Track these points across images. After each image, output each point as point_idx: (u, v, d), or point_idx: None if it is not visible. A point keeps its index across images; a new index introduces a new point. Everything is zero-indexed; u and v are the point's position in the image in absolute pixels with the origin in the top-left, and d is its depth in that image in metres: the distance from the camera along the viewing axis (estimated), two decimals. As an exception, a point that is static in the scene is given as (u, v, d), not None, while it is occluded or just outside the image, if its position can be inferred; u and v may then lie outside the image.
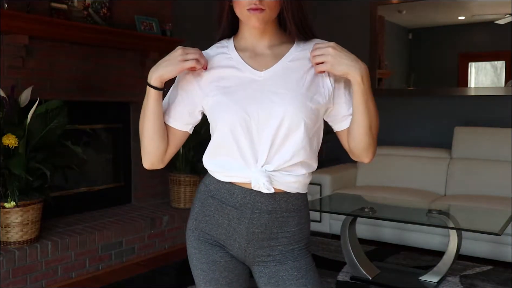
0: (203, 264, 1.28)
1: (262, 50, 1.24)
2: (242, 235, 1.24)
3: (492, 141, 4.01)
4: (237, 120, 1.17)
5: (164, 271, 3.35)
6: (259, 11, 1.15)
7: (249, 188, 1.21)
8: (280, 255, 1.25)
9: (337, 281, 3.14)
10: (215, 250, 1.27)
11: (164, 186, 4.37)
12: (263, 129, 1.17)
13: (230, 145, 1.19)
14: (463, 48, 4.57)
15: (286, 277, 1.24)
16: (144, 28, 4.04)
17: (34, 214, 3.01)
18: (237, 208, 1.22)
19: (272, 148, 1.17)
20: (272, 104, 1.17)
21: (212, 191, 1.27)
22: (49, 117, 3.05)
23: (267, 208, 1.22)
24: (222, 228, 1.25)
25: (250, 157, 1.18)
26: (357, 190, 4.14)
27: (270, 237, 1.24)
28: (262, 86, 1.19)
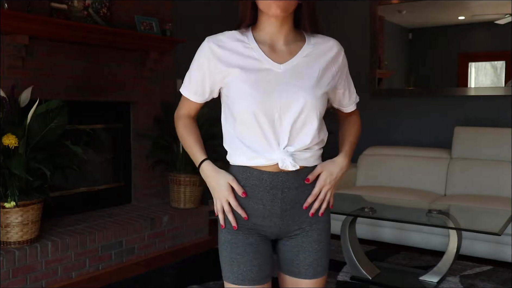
0: (238, 248, 1.37)
1: (280, 46, 1.35)
2: (277, 214, 1.36)
3: (492, 141, 4.01)
4: (261, 108, 1.29)
5: (164, 271, 3.35)
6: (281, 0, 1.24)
7: (275, 171, 1.33)
8: (308, 227, 1.40)
9: (337, 281, 3.14)
10: (251, 234, 1.38)
11: (164, 186, 4.37)
12: (285, 117, 1.30)
13: (255, 128, 1.31)
14: (463, 48, 4.57)
15: (307, 248, 1.40)
16: (144, 28, 4.04)
17: (34, 214, 3.01)
18: (268, 191, 1.34)
19: (292, 133, 1.31)
20: (292, 95, 1.30)
21: (241, 181, 1.36)
22: (49, 117, 3.05)
23: (294, 185, 1.35)
24: (258, 212, 1.36)
25: (273, 140, 1.31)
26: (357, 190, 4.14)
27: (299, 210, 1.37)
28: (282, 78, 1.31)
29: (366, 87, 4.88)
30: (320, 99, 1.34)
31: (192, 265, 3.46)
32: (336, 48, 1.42)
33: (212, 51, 1.35)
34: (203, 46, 1.37)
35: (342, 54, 1.44)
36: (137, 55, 4.10)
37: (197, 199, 4.15)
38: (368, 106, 4.89)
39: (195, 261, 3.54)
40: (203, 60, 1.37)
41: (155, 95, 4.28)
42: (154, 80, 4.25)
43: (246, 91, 1.30)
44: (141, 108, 4.20)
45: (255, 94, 1.29)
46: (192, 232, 4.08)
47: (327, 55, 1.39)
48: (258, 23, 1.36)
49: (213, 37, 1.37)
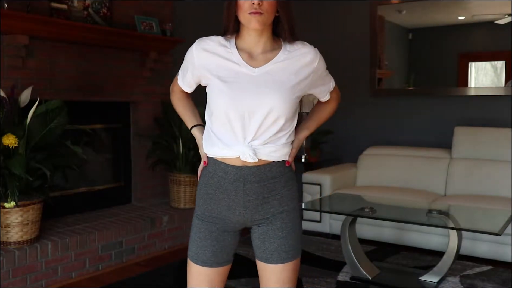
0: (200, 232, 1.56)
1: (257, 55, 1.52)
2: (240, 204, 1.52)
3: (492, 141, 4.01)
4: (233, 106, 1.45)
5: (164, 271, 3.35)
6: (258, 14, 1.43)
7: (239, 166, 1.50)
8: (272, 217, 1.55)
9: (337, 281, 3.14)
10: (214, 223, 1.56)
11: (164, 186, 4.37)
12: (254, 116, 1.46)
13: (225, 124, 1.48)
14: (463, 48, 4.57)
15: (272, 235, 1.55)
16: (144, 28, 4.04)
17: (34, 214, 3.01)
18: (232, 183, 1.51)
19: (259, 130, 1.47)
20: (262, 97, 1.45)
21: (211, 172, 1.54)
22: (49, 117, 3.05)
23: (256, 178, 1.51)
24: (223, 201, 1.53)
25: (240, 135, 1.47)
26: (357, 190, 4.14)
27: (262, 201, 1.53)
28: (256, 81, 1.47)
29: (366, 87, 4.88)
30: (288, 103, 1.47)
31: (192, 265, 3.46)
32: (310, 55, 1.54)
33: (198, 54, 1.54)
34: (192, 47, 1.57)
35: (318, 59, 1.56)
36: (137, 55, 4.10)
37: (197, 199, 4.14)
38: (368, 106, 4.89)
39: (195, 261, 3.54)
40: (189, 58, 1.58)
41: (155, 95, 4.28)
42: (154, 80, 4.25)
43: (222, 90, 1.47)
44: (141, 108, 4.20)
45: (229, 94, 1.46)
46: (192, 232, 4.08)
47: (301, 60, 1.53)
48: (240, 33, 1.53)
49: (202, 40, 1.56)
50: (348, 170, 4.47)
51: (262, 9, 1.43)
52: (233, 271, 1.70)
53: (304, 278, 3.16)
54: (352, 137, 4.95)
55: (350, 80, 4.92)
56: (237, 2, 1.46)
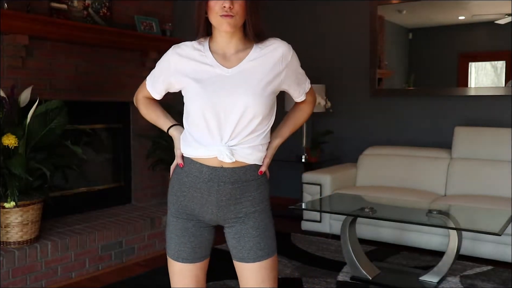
0: (177, 230, 1.60)
1: (230, 55, 1.53)
2: (213, 203, 1.54)
3: (492, 141, 4.01)
4: (208, 106, 1.47)
5: (164, 271, 3.33)
6: (229, 17, 1.44)
7: (214, 166, 1.51)
8: (244, 217, 1.57)
9: (337, 281, 3.14)
10: (188, 220, 1.59)
11: (164, 186, 4.37)
12: (229, 115, 1.47)
13: (202, 125, 1.50)
14: (463, 48, 4.57)
15: (245, 234, 1.57)
16: (144, 28, 4.04)
17: (34, 214, 3.01)
18: (206, 182, 1.53)
19: (235, 130, 1.48)
20: (236, 96, 1.47)
21: (186, 171, 1.56)
22: (49, 117, 3.05)
23: (230, 180, 1.52)
24: (196, 199, 1.55)
25: (217, 135, 1.49)
26: (357, 190, 4.14)
27: (235, 202, 1.55)
28: (229, 81, 1.49)
29: (366, 87, 4.88)
30: (262, 100, 1.49)
31: (192, 265, 3.46)
32: (281, 49, 1.54)
33: (174, 60, 1.56)
34: (167, 53, 1.60)
35: (291, 54, 1.56)
36: (137, 55, 4.10)
37: (197, 199, 4.14)
38: (368, 106, 4.89)
39: (195, 261, 3.54)
40: (165, 65, 1.60)
41: (155, 95, 4.27)
42: (154, 80, 4.25)
43: (197, 92, 1.49)
44: (141, 108, 4.19)
45: (204, 95, 1.48)
46: (192, 232, 4.08)
47: (273, 56, 1.53)
48: (213, 35, 1.55)
49: (176, 46, 1.58)
50: (348, 170, 4.47)
51: (233, 12, 1.44)
52: (233, 271, 1.69)
53: (304, 278, 3.16)
54: (352, 137, 4.95)
55: (350, 80, 4.93)
56: (207, 4, 1.47)
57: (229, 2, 1.43)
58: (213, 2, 1.46)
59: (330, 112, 4.83)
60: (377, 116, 4.85)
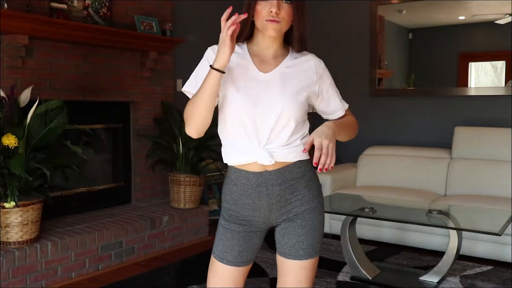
0: (227, 232, 1.60)
1: (269, 59, 1.56)
2: (264, 208, 1.57)
3: (492, 141, 4.01)
4: (245, 110, 1.48)
5: (164, 271, 3.35)
6: (275, 22, 1.46)
7: (260, 171, 1.53)
8: (293, 216, 1.58)
9: (337, 281, 3.14)
10: (241, 225, 1.60)
11: (164, 186, 4.37)
12: (266, 120, 1.49)
13: (240, 130, 1.51)
14: (463, 48, 4.57)
15: (292, 232, 1.58)
16: (144, 28, 4.04)
17: (34, 214, 3.01)
18: (255, 188, 1.55)
19: (272, 134, 1.50)
20: (272, 101, 1.49)
21: (234, 180, 1.58)
22: (49, 117, 3.04)
23: (277, 181, 1.54)
24: (248, 206, 1.58)
25: (255, 139, 1.50)
26: (357, 190, 4.14)
27: (286, 203, 1.57)
28: (266, 86, 1.51)
29: (366, 87, 4.88)
30: (297, 106, 1.51)
31: (192, 265, 3.46)
32: (313, 61, 1.59)
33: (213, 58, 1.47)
34: (207, 52, 1.56)
35: (323, 67, 1.60)
36: (137, 55, 4.10)
37: (197, 199, 4.15)
38: (368, 106, 4.89)
39: (195, 261, 3.54)
40: (206, 64, 1.52)
41: (155, 95, 4.27)
42: (154, 80, 4.25)
43: (235, 97, 1.49)
44: (141, 108, 4.20)
45: (242, 99, 1.48)
46: (192, 232, 4.08)
47: (306, 65, 1.57)
48: (253, 38, 1.56)
49: (215, 46, 1.53)
50: (348, 170, 4.47)
51: (279, 18, 1.46)
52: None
53: (304, 278, 3.15)
54: (352, 137, 4.94)
55: (350, 80, 4.92)
56: (255, 8, 1.48)
57: (276, 7, 1.45)
58: (261, 6, 1.47)
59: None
60: (377, 116, 4.85)
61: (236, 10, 1.45)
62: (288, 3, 1.47)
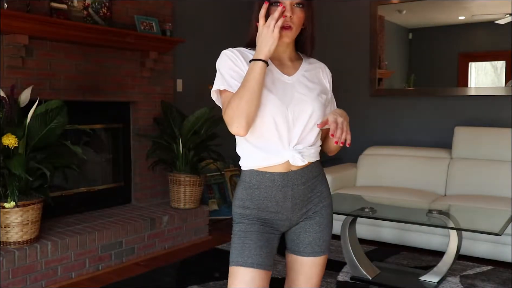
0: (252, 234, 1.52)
1: (286, 62, 1.57)
2: (288, 209, 1.55)
3: (492, 141, 4.01)
4: (278, 111, 1.47)
5: (164, 271, 3.35)
6: (289, 29, 1.47)
7: (285, 172, 1.52)
8: (312, 213, 1.59)
9: (337, 281, 3.14)
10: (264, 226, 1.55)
11: (164, 186, 4.37)
12: (297, 121, 1.49)
13: (271, 132, 1.48)
14: (463, 48, 4.57)
15: (309, 229, 1.59)
16: (144, 28, 4.04)
17: (34, 214, 3.01)
18: (280, 189, 1.53)
19: (302, 135, 1.51)
20: (302, 102, 1.51)
21: (255, 184, 1.54)
22: (49, 117, 3.04)
23: (301, 181, 1.54)
24: (271, 208, 1.55)
25: (286, 140, 1.49)
26: (357, 190, 4.14)
27: (307, 202, 1.57)
28: (292, 87, 1.53)
29: (366, 87, 4.88)
30: (323, 106, 1.55)
31: (192, 265, 3.46)
32: (326, 69, 1.66)
33: (235, 54, 1.51)
34: (224, 52, 1.53)
35: (330, 74, 1.66)
36: (137, 55, 4.10)
37: (197, 199, 4.15)
38: (368, 106, 4.89)
39: (195, 261, 3.54)
40: (228, 62, 1.50)
41: (155, 95, 4.27)
42: (154, 80, 4.25)
43: (267, 98, 1.46)
44: (141, 108, 4.19)
45: (274, 100, 1.47)
46: (192, 232, 4.08)
47: (319, 72, 1.63)
48: None
49: (235, 49, 1.53)
50: (348, 170, 4.47)
51: (292, 23, 1.46)
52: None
53: (304, 278, 3.15)
54: (352, 137, 4.93)
55: (350, 80, 4.92)
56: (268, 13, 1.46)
57: (290, 10, 1.45)
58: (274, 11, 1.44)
59: (330, 112, 4.84)
60: (377, 116, 4.85)
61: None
62: (300, 7, 1.48)
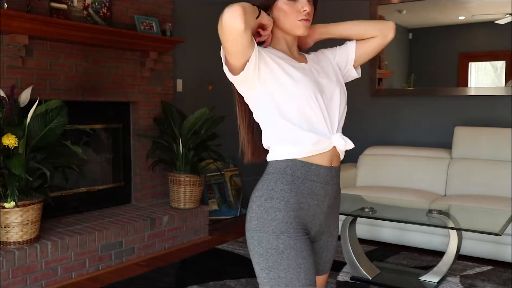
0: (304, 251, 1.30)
1: (295, 54, 1.48)
2: (323, 211, 1.39)
3: (492, 141, 4.01)
4: (315, 90, 1.35)
5: (164, 271, 3.35)
6: (308, 21, 1.41)
7: (328, 166, 1.37)
8: (333, 227, 1.47)
9: (337, 281, 3.14)
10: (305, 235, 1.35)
11: (164, 186, 4.37)
12: (331, 103, 1.39)
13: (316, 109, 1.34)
14: (463, 48, 4.57)
15: (330, 246, 1.48)
16: (144, 28, 4.04)
17: (34, 214, 3.01)
18: (323, 186, 1.36)
19: (340, 119, 1.42)
20: (331, 86, 1.42)
21: (300, 177, 1.33)
22: (49, 117, 3.04)
23: (337, 180, 1.42)
24: (312, 209, 1.37)
25: (329, 121, 1.38)
26: (357, 190, 4.14)
27: (333, 207, 1.44)
28: (314, 74, 1.42)
29: (366, 87, 4.88)
30: (345, 92, 1.47)
31: (192, 265, 3.46)
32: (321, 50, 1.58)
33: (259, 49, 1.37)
34: None
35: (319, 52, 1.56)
36: (137, 55, 4.10)
37: (197, 199, 4.15)
38: (368, 106, 4.89)
39: (195, 261, 3.54)
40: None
41: (155, 95, 4.28)
42: (154, 80, 4.25)
43: (299, 77, 1.35)
44: (141, 108, 4.20)
45: (306, 81, 1.36)
46: (192, 232, 4.08)
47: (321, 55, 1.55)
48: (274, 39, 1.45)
49: None
50: (348, 170, 4.47)
51: (308, 15, 1.42)
52: (233, 271, 1.69)
53: (304, 278, 3.15)
54: (352, 137, 4.90)
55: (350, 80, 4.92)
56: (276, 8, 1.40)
57: (309, 6, 1.40)
58: (289, 6, 1.39)
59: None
60: (377, 116, 4.85)
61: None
62: (312, 3, 1.44)
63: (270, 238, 1.30)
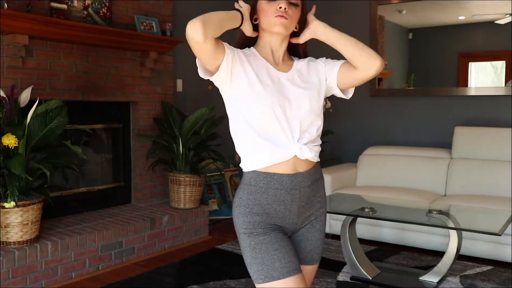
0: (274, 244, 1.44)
1: (279, 61, 1.55)
2: (294, 213, 1.50)
3: (492, 141, 4.01)
4: (278, 103, 1.44)
5: (164, 271, 3.35)
6: (284, 18, 1.46)
7: (293, 173, 1.47)
8: (314, 219, 1.56)
9: (337, 281, 3.14)
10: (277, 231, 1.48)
11: (164, 186, 4.37)
12: (296, 114, 1.46)
13: (274, 124, 1.44)
14: (463, 48, 4.57)
15: (310, 237, 1.56)
16: (144, 28, 4.04)
17: (34, 214, 3.01)
18: (289, 192, 1.47)
19: (302, 127, 1.47)
20: (299, 97, 1.48)
21: (263, 187, 1.47)
22: (49, 117, 3.05)
23: (307, 183, 1.50)
24: (280, 213, 1.49)
25: (289, 132, 1.45)
26: (357, 190, 4.14)
27: (310, 205, 1.53)
28: (288, 83, 1.50)
29: (366, 87, 4.88)
30: (319, 102, 1.52)
31: (192, 265, 3.46)
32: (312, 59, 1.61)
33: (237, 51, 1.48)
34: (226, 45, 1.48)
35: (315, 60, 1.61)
36: (137, 55, 4.10)
37: (197, 199, 4.15)
38: (368, 106, 4.89)
39: (195, 261, 3.54)
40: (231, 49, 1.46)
41: (155, 95, 4.28)
42: (154, 80, 4.25)
43: (263, 90, 1.44)
44: (141, 108, 4.20)
45: (272, 91, 1.45)
46: (192, 232, 4.08)
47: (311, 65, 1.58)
48: (259, 42, 1.55)
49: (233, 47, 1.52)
50: (348, 170, 4.47)
51: (287, 15, 1.46)
52: (233, 271, 1.70)
53: (304, 278, 3.15)
54: (352, 137, 4.95)
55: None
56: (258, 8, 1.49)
57: (285, 3, 1.46)
58: (267, 5, 1.47)
59: (330, 112, 4.83)
60: (377, 116, 4.85)
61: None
62: (294, 7, 1.49)
63: (243, 238, 1.48)
